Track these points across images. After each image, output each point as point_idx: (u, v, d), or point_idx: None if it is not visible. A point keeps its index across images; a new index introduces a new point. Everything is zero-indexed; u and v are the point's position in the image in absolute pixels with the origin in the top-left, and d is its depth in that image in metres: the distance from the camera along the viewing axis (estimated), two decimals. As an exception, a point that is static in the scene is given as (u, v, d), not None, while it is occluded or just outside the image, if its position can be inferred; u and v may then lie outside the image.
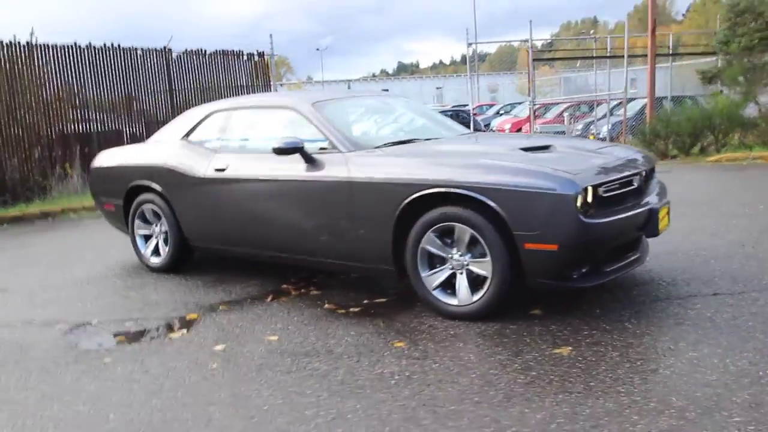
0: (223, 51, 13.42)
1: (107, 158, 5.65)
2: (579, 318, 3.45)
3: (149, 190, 5.05)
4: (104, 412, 2.71)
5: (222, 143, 4.68)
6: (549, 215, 3.22)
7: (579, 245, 3.26)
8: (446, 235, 3.58)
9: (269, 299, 4.25)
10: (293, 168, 4.09)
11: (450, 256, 3.59)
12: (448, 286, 3.64)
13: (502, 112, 26.92)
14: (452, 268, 3.60)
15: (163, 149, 5.02)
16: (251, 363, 3.16)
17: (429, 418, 2.44)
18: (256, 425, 2.49)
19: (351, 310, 3.93)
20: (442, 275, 3.64)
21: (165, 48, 12.52)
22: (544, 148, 3.83)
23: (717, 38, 13.84)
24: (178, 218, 4.87)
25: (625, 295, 3.77)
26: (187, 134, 4.94)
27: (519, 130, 21.15)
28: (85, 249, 6.43)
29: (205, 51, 13.16)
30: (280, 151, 4.01)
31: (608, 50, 16.95)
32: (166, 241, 5.10)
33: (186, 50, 12.92)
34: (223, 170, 4.48)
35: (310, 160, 4.02)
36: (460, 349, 3.16)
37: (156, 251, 5.20)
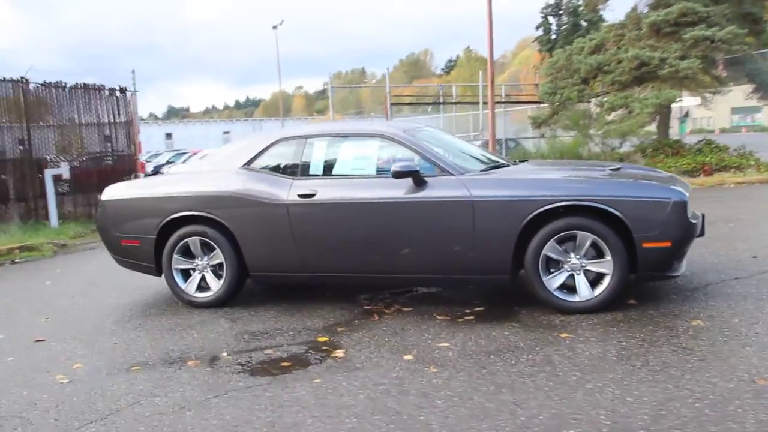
0: (84, 85, 12.39)
1: (126, 190, 5.23)
2: (667, 303, 4.26)
3: (199, 220, 4.84)
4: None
5: (299, 170, 4.72)
6: (667, 219, 4.01)
7: (685, 241, 4.11)
8: (564, 242, 4.18)
9: (376, 319, 4.41)
10: (400, 191, 4.37)
11: (568, 260, 4.19)
12: (563, 286, 4.22)
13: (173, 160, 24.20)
14: (570, 270, 4.20)
15: (221, 177, 4.86)
16: (451, 365, 3.41)
17: (641, 366, 3.01)
18: (524, 408, 2.84)
19: (466, 318, 4.30)
20: (561, 277, 4.21)
21: (21, 79, 11.25)
22: (618, 169, 4.65)
23: (542, 89, 16.33)
24: (242, 248, 4.75)
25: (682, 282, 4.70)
26: (249, 162, 4.87)
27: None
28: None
29: (65, 84, 12.06)
30: (399, 175, 4.28)
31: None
32: (217, 275, 4.90)
33: (44, 82, 11.72)
34: (311, 196, 4.55)
35: (421, 183, 4.34)
36: (600, 334, 3.75)
37: (200, 286, 4.95)
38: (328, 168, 4.72)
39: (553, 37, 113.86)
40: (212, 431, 2.78)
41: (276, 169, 4.82)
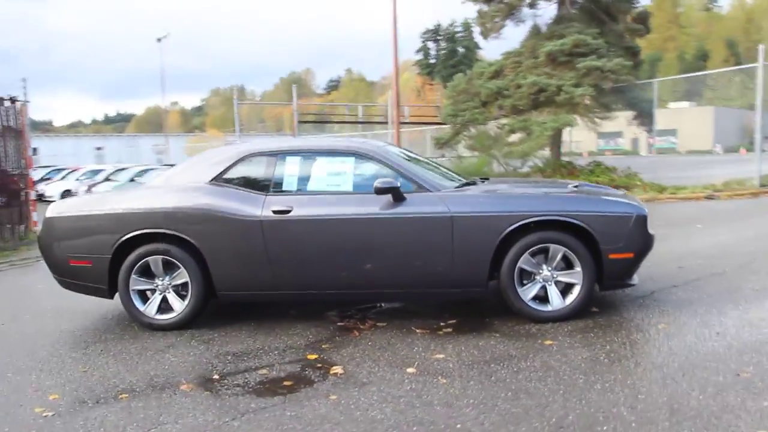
0: (-30, 93, 11.30)
1: (76, 206, 4.86)
2: (626, 311, 4.62)
3: (162, 238, 4.61)
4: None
5: (271, 186, 4.64)
6: (630, 232, 4.37)
7: (645, 252, 4.49)
8: (535, 255, 4.42)
9: (356, 335, 4.41)
10: (379, 207, 4.43)
11: (540, 271, 4.44)
12: (535, 296, 4.46)
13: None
14: (542, 281, 4.45)
15: (188, 193, 4.66)
16: (457, 375, 3.51)
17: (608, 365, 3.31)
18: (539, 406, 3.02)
19: (445, 330, 4.41)
20: (534, 288, 4.45)
21: None
22: (578, 187, 4.99)
23: (445, 111, 16.99)
24: (210, 266, 4.58)
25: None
26: (217, 177, 4.71)
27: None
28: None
29: (-53, 92, 10.93)
30: (381, 191, 4.34)
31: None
32: (179, 295, 4.68)
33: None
34: (286, 212, 4.48)
35: (400, 199, 4.43)
36: (581, 340, 4.03)
37: (161, 308, 4.70)
38: (302, 184, 4.67)
39: (432, 61, 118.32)
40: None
41: (246, 184, 4.70)
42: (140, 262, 4.65)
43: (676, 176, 14.64)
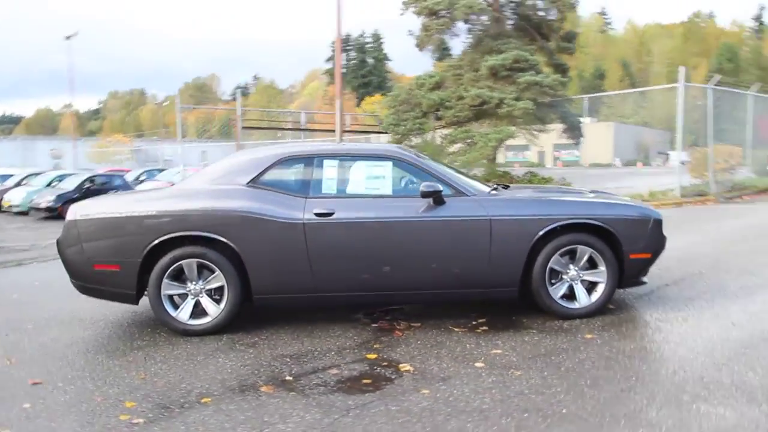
0: None
1: (103, 208, 4.66)
2: (637, 307, 5.03)
3: (198, 241, 4.54)
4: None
5: (310, 189, 4.67)
6: (649, 234, 4.76)
7: (660, 252, 4.90)
8: (563, 256, 4.73)
9: (400, 335, 4.52)
10: (420, 210, 4.58)
11: (567, 271, 4.75)
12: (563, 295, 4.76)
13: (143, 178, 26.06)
14: (569, 280, 4.75)
15: (226, 195, 4.60)
16: (527, 367, 3.73)
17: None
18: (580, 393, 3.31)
19: (481, 328, 4.62)
20: (563, 287, 4.75)
21: None
22: (594, 192, 5.36)
23: (386, 121, 17.27)
24: (249, 269, 4.55)
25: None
26: (254, 180, 4.68)
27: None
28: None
29: None
30: (426, 195, 4.51)
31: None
32: (213, 300, 4.61)
33: None
34: (328, 215, 4.54)
35: (441, 202, 4.60)
36: (618, 333, 4.37)
37: (195, 312, 4.61)
38: (341, 187, 4.74)
39: (343, 71, 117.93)
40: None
41: (284, 186, 4.72)
42: (173, 266, 4.54)
43: (605, 187, 15.65)
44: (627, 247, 4.70)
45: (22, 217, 17.95)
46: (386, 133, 17.46)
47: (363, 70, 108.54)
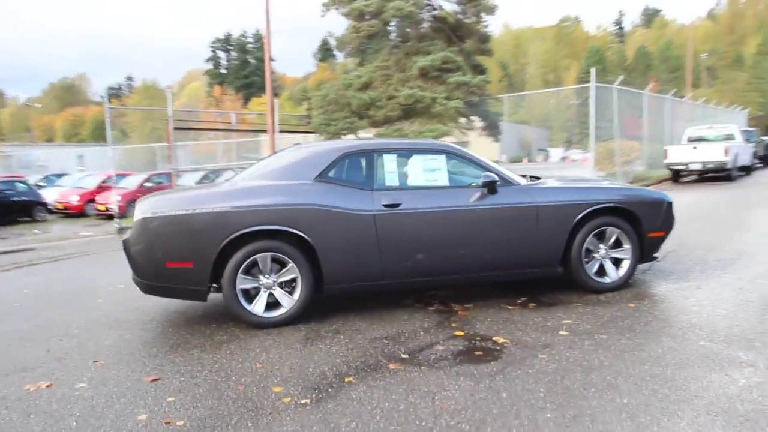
0: None
1: (173, 206, 4.64)
2: (648, 280, 5.74)
3: (273, 235, 4.66)
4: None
5: (374, 182, 4.92)
6: (664, 215, 5.48)
7: (671, 230, 5.63)
8: (595, 236, 5.33)
9: (466, 314, 4.91)
10: (477, 199, 5.00)
11: (598, 250, 5.36)
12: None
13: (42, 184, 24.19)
14: (601, 258, 5.37)
15: (298, 190, 4.74)
16: (598, 337, 4.27)
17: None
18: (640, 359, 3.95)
19: (530, 306, 5.11)
20: (596, 264, 5.35)
21: None
22: (608, 180, 6.00)
23: (316, 121, 17.42)
24: (321, 260, 4.74)
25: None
26: (321, 174, 4.86)
27: (91, 201, 20.15)
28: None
29: None
30: (486, 185, 4.93)
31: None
32: (287, 292, 4.76)
33: None
34: (395, 205, 4.83)
35: (494, 192, 5.04)
36: (652, 302, 5.05)
37: (270, 304, 4.73)
38: (403, 180, 5.04)
39: (224, 71, 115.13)
40: (541, 397, 3.14)
41: (348, 181, 4.94)
42: (247, 261, 4.64)
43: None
44: (647, 226, 5.38)
45: None
46: (314, 132, 17.61)
47: (245, 70, 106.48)
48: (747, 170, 18.62)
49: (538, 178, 5.75)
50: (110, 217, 17.80)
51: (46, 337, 4.80)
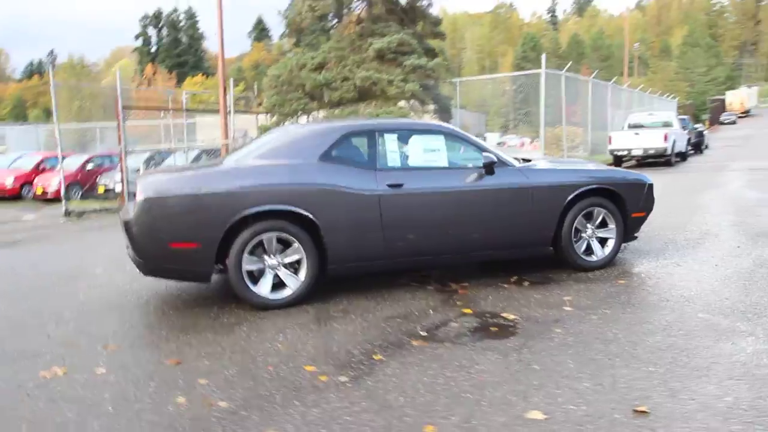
0: None
1: (179, 185, 4.52)
2: (632, 258, 6.04)
3: (278, 215, 4.63)
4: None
5: (377, 162, 4.94)
6: (645, 196, 5.75)
7: (651, 211, 5.92)
8: (584, 216, 5.55)
9: (466, 292, 5.03)
10: (476, 179, 5.12)
11: (586, 230, 5.59)
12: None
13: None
14: (588, 237, 5.60)
15: (302, 169, 4.70)
16: (600, 308, 4.48)
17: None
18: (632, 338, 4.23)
19: (524, 284, 5.28)
20: (584, 244, 5.58)
21: None
22: (592, 163, 6.24)
23: (269, 101, 17.12)
24: (326, 240, 4.74)
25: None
26: (324, 154, 4.84)
27: (28, 183, 19.22)
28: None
29: None
30: (486, 166, 5.04)
31: None
32: (292, 272, 4.75)
33: None
34: (398, 185, 4.88)
35: (492, 173, 5.16)
36: (639, 277, 5.33)
37: (275, 285, 4.71)
38: (404, 160, 5.09)
39: (154, 49, 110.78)
40: (573, 368, 3.29)
41: (351, 160, 4.95)
42: (252, 241, 4.59)
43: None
44: (630, 207, 5.64)
45: None
46: (267, 113, 17.31)
47: (177, 49, 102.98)
48: (683, 156, 19.62)
49: (529, 160, 5.92)
50: (49, 200, 17.04)
51: (40, 323, 4.60)
